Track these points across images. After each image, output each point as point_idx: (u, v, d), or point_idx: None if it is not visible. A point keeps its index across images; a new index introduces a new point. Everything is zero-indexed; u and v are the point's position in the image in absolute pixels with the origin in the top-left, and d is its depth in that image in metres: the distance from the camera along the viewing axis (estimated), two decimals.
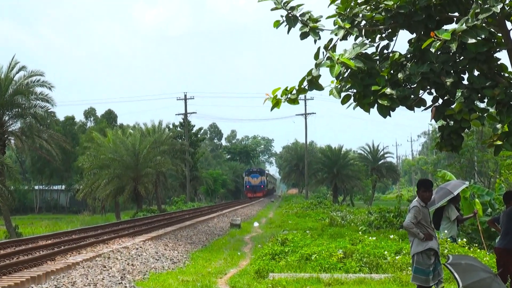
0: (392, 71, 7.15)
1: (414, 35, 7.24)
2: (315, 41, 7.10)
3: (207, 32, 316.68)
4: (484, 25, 6.26)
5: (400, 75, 6.95)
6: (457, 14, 7.10)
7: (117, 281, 14.13)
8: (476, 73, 6.88)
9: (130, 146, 49.40)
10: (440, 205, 15.59)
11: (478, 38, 6.23)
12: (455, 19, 7.08)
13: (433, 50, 6.24)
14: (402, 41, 7.64)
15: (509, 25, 6.90)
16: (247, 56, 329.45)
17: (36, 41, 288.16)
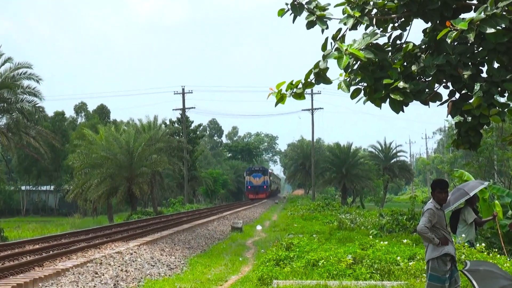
0: (405, 63, 7.12)
1: (429, 24, 7.21)
2: (322, 30, 7.07)
3: (206, 21, 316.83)
4: (504, 13, 6.22)
5: (414, 67, 6.92)
6: (475, 2, 7.06)
7: None
8: (496, 65, 6.84)
9: (124, 143, 49.43)
10: (457, 208, 15.56)
11: (498, 27, 6.20)
12: (473, 7, 7.04)
13: (449, 40, 6.20)
14: (416, 31, 7.61)
15: None
16: (249, 47, 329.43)
17: (21, 30, 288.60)
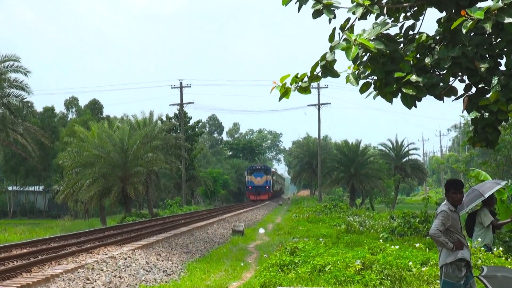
0: (418, 55, 7.11)
1: (444, 13, 7.19)
2: (329, 20, 7.05)
3: (206, 10, 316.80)
4: None
5: (427, 59, 6.91)
6: None
7: None
8: None
9: (118, 141, 49.44)
10: (473, 209, 15.54)
11: None
12: None
13: (464, 31, 6.19)
14: (430, 21, 7.61)
15: None
16: (251, 38, 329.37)
17: (7, 20, 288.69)
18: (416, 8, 7.28)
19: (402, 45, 7.24)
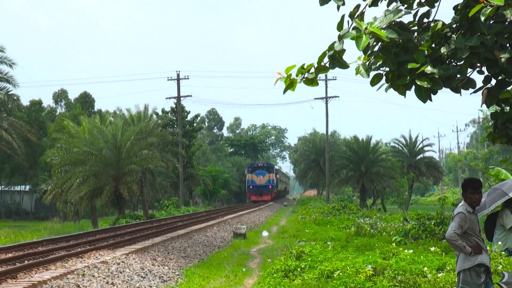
0: (433, 45, 7.10)
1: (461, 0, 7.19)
2: (338, 7, 7.05)
3: None
4: None
5: (443, 49, 6.89)
6: None
7: None
8: None
9: (110, 137, 49.48)
10: (493, 211, 15.53)
11: None
12: None
13: (483, 18, 6.19)
14: (446, 8, 7.60)
15: None
16: (254, 26, 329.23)
17: None
18: None
19: (416, 33, 7.22)
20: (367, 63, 6.93)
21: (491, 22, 6.59)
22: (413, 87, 6.81)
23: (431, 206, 77.31)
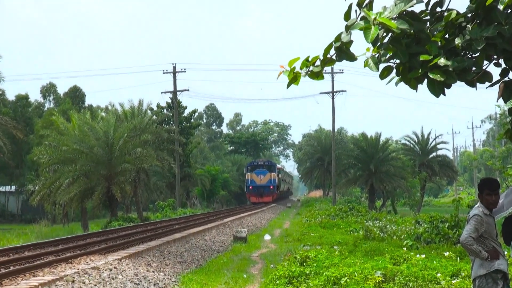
0: (447, 36, 7.09)
1: None
2: None
3: None
4: None
5: (457, 40, 6.89)
6: None
7: None
8: None
9: (102, 134, 49.47)
10: (510, 213, 15.53)
11: None
12: None
13: (501, 7, 6.18)
14: None
15: None
16: (256, 16, 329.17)
17: None
18: None
19: (428, 24, 7.22)
20: (376, 55, 6.93)
21: (509, 11, 6.58)
22: (425, 80, 6.81)
23: (444, 208, 77.42)
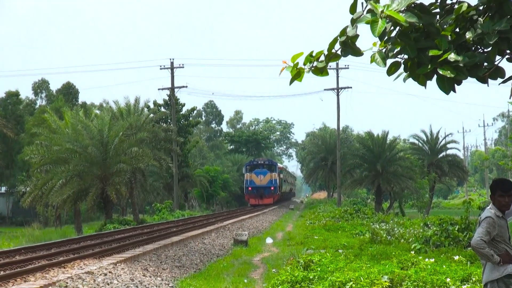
0: (457, 29, 7.08)
1: None
2: None
3: None
4: None
5: (468, 34, 6.88)
6: None
7: None
8: None
9: (96, 133, 49.45)
10: None
11: None
12: None
13: None
14: None
15: None
16: (257, 10, 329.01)
17: None
18: None
19: (438, 17, 7.21)
20: (383, 50, 6.91)
21: None
22: (435, 76, 6.80)
23: (454, 210, 77.22)
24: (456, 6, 7.13)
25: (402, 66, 7.09)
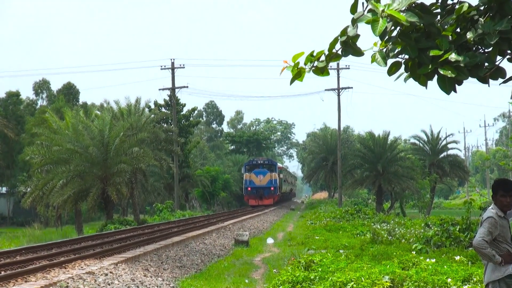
0: (458, 29, 7.08)
1: None
2: None
3: None
4: None
5: (469, 34, 6.87)
6: None
7: None
8: None
9: (97, 133, 49.39)
10: None
11: None
12: None
13: None
14: None
15: None
16: (258, 9, 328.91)
17: None
18: None
19: (439, 17, 7.20)
20: (384, 50, 6.91)
21: None
22: (436, 76, 6.80)
23: (455, 210, 77.14)
24: (457, 6, 7.13)
25: (403, 66, 7.09)
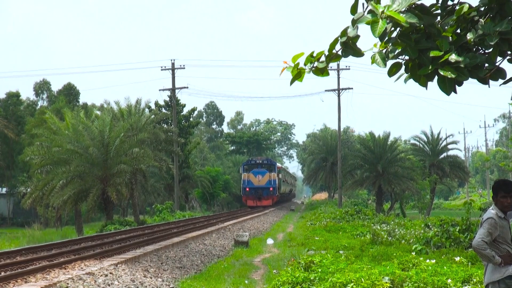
0: (458, 30, 7.07)
1: None
2: None
3: None
4: None
5: (469, 35, 6.87)
6: None
7: None
8: None
9: (97, 133, 49.38)
10: None
11: None
12: None
13: None
14: None
15: None
16: (258, 10, 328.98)
17: None
18: None
19: (439, 18, 7.20)
20: (384, 51, 6.90)
21: None
22: (436, 77, 6.79)
23: (455, 211, 77.03)
24: (457, 7, 7.12)
25: (403, 67, 7.08)
